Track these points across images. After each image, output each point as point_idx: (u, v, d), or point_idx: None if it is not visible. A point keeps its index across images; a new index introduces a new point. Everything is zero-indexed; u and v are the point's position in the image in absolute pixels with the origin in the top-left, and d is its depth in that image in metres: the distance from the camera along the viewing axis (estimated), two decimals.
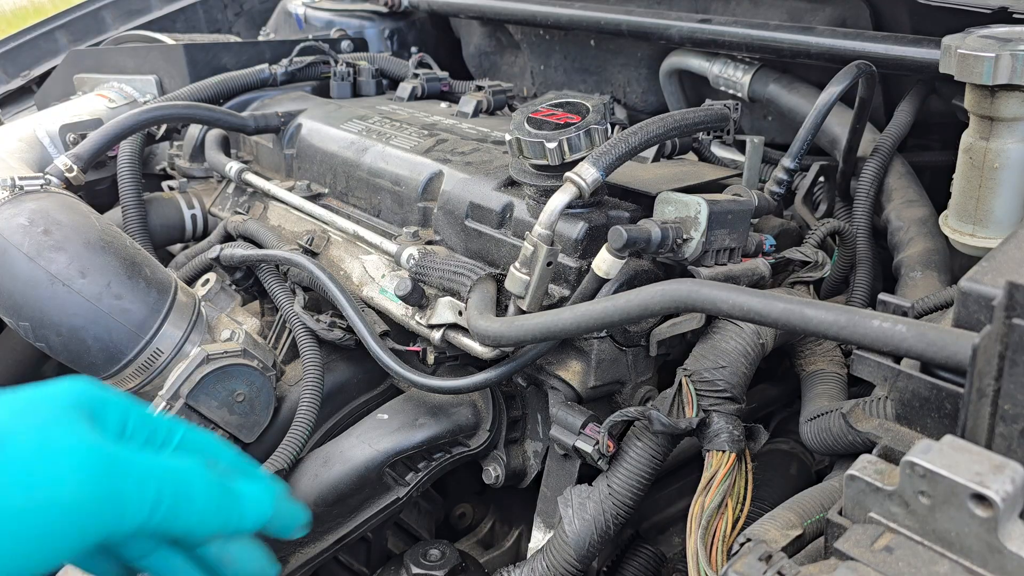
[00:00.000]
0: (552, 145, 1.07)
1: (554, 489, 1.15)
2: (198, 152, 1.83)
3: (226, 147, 1.82)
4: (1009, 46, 1.04)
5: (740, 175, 1.33)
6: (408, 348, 1.22)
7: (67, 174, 1.42)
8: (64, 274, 1.18)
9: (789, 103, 1.63)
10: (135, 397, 0.87)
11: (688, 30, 1.70)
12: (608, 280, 1.03)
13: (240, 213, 1.64)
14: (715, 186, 1.24)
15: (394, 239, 1.32)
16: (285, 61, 1.91)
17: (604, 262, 1.01)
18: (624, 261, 1.01)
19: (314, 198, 1.52)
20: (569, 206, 1.02)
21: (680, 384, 1.01)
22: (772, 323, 0.79)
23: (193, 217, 1.73)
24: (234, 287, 1.44)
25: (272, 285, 1.37)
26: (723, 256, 1.10)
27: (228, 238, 1.56)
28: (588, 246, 1.10)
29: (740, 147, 1.46)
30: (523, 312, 1.05)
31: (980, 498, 0.54)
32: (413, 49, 2.14)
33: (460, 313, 1.13)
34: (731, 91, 1.72)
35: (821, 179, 1.43)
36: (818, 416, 0.99)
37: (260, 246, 1.44)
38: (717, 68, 1.74)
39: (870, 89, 1.34)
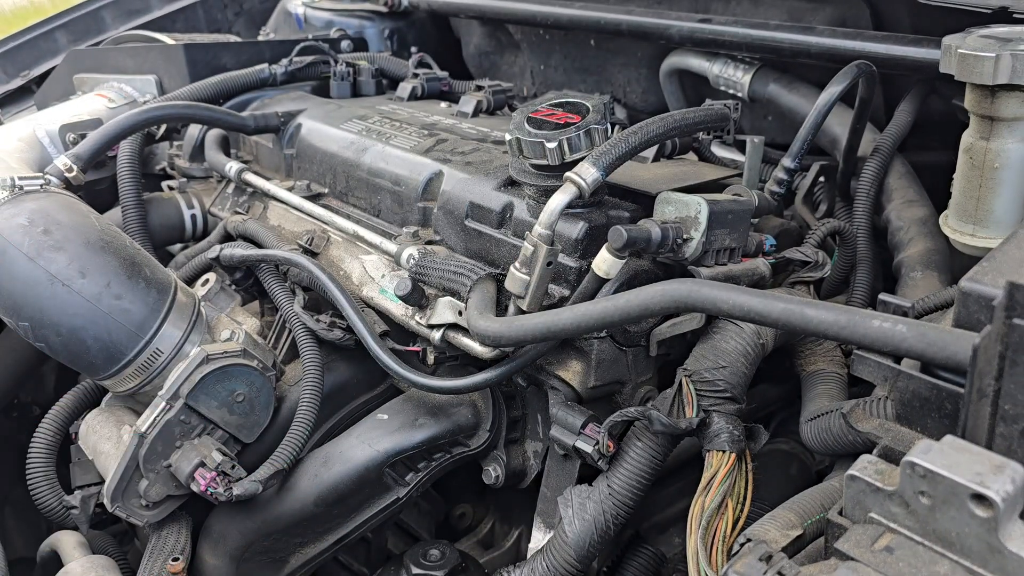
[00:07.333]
0: (552, 145, 1.06)
1: (554, 489, 1.15)
2: (198, 152, 1.83)
3: (226, 147, 1.81)
4: (1009, 46, 1.04)
5: (740, 175, 1.33)
6: (408, 348, 1.22)
7: (67, 174, 1.42)
8: (64, 274, 1.18)
9: (789, 103, 1.63)
10: None
11: (688, 30, 1.70)
12: (608, 280, 1.03)
13: (240, 213, 1.64)
14: (715, 186, 1.24)
15: (394, 239, 1.31)
16: (285, 61, 1.91)
17: (604, 262, 1.01)
18: (624, 261, 1.01)
19: (314, 198, 1.52)
20: (569, 206, 1.02)
21: (680, 384, 1.01)
22: (772, 323, 0.79)
23: (193, 217, 1.73)
24: (234, 287, 1.44)
25: (272, 285, 1.37)
26: (723, 256, 1.10)
27: (228, 238, 1.56)
28: (588, 246, 1.10)
29: (740, 147, 1.45)
30: (523, 312, 1.05)
31: (980, 498, 0.54)
32: (413, 49, 2.14)
33: (460, 313, 1.13)
34: (731, 91, 1.72)
35: (821, 179, 1.43)
36: (818, 416, 0.99)
37: (260, 246, 1.44)
38: (717, 68, 1.74)
39: (870, 89, 1.34)
